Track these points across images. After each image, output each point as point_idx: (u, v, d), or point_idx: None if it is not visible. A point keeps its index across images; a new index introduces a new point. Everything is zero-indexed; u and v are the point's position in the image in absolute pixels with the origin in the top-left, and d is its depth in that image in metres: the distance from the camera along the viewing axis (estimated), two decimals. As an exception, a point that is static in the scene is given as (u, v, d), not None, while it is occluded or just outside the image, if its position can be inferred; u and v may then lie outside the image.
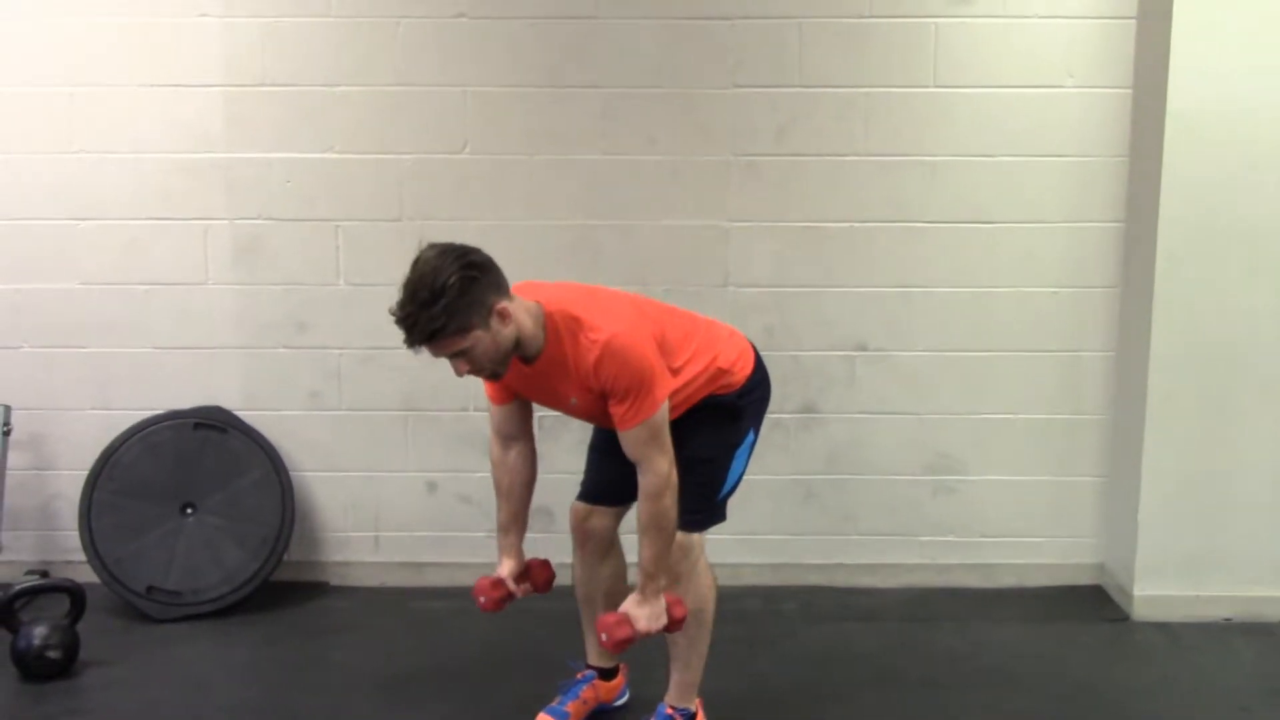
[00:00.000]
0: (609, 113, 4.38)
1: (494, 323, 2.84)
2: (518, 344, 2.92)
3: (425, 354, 2.86)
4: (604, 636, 2.98)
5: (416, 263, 2.81)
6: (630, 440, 2.95)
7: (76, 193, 4.41)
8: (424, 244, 2.88)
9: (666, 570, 3.01)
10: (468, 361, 2.87)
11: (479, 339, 2.83)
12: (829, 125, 4.37)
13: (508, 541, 3.31)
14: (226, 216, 4.43)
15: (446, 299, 2.74)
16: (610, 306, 3.00)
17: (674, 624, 3.05)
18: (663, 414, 2.94)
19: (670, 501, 2.96)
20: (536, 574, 3.34)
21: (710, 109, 4.37)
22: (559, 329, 2.94)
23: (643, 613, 2.98)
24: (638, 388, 2.89)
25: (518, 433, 3.28)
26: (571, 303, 2.97)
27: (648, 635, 3.00)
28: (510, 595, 3.27)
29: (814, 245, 4.43)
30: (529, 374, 3.04)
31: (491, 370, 2.95)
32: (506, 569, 3.28)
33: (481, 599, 3.24)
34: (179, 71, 4.35)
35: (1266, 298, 4.13)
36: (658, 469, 2.94)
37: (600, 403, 2.99)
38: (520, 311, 2.91)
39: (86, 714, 3.58)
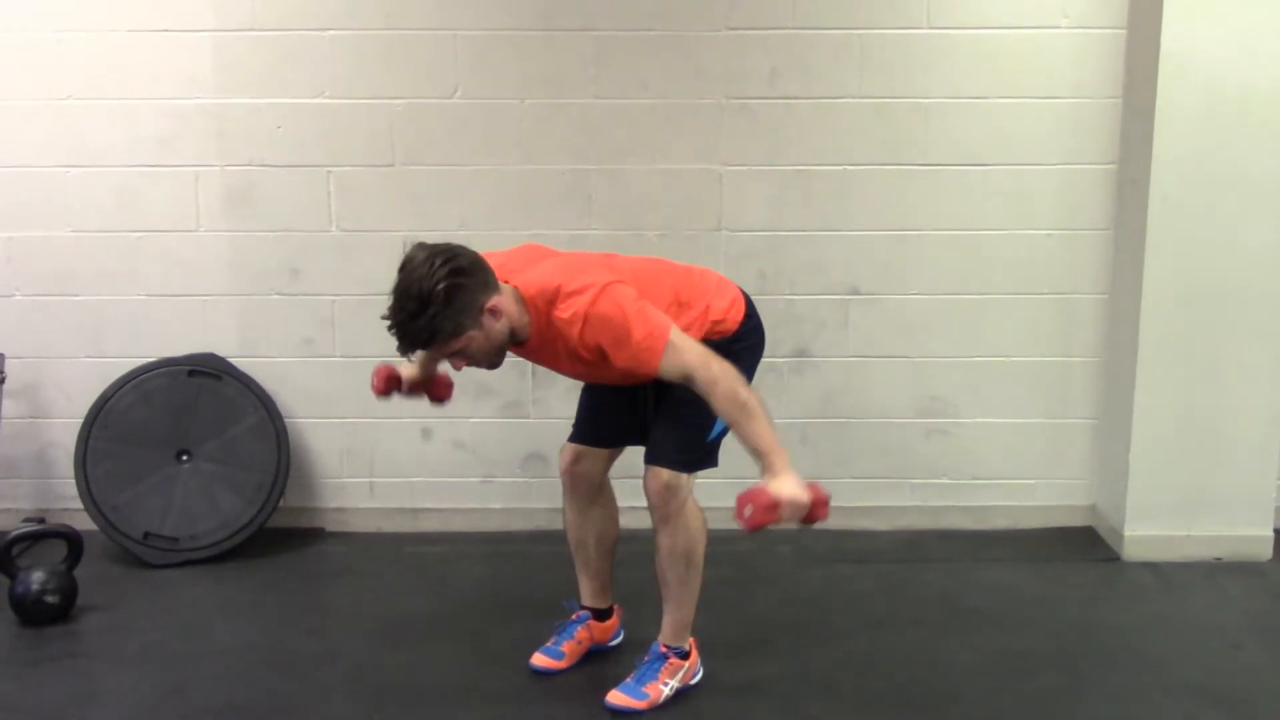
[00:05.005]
0: (601, 56, 4.35)
1: (486, 320, 2.88)
2: (511, 333, 2.96)
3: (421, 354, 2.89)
4: (747, 511, 2.70)
5: (403, 267, 2.82)
6: (665, 371, 2.87)
7: (66, 140, 4.39)
8: (409, 245, 2.89)
9: (776, 442, 2.80)
10: (464, 358, 2.93)
11: (472, 338, 2.88)
12: (822, 67, 4.35)
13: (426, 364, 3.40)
14: (218, 163, 4.42)
15: (433, 309, 2.77)
16: (583, 272, 2.98)
17: (818, 508, 2.76)
18: (674, 332, 2.87)
19: (732, 384, 2.82)
20: (440, 383, 3.46)
21: (703, 52, 4.34)
22: (539, 309, 2.97)
23: (784, 485, 2.72)
24: (635, 332, 2.85)
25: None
26: (545, 280, 2.97)
27: (793, 513, 2.73)
28: (399, 388, 3.38)
29: (807, 188, 4.42)
30: (523, 352, 3.10)
31: (489, 363, 3.01)
32: (408, 371, 3.37)
33: (375, 380, 3.35)
34: (168, 16, 4.31)
35: (1259, 239, 4.12)
36: (706, 367, 2.83)
37: (597, 365, 3.00)
38: (509, 301, 2.94)
39: (86, 657, 3.61)
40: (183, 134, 4.40)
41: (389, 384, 3.36)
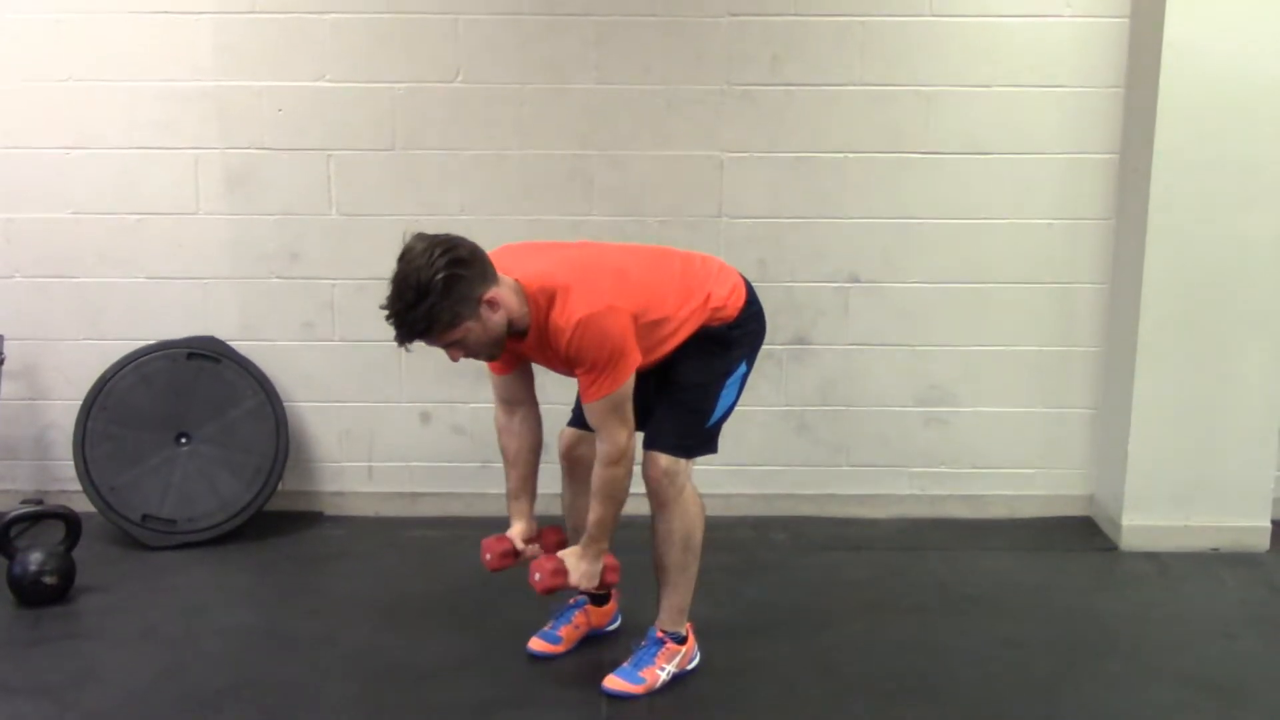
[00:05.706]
0: (603, 41, 4.34)
1: (484, 312, 2.89)
2: (510, 325, 2.97)
3: (419, 342, 2.91)
4: (537, 577, 3.12)
5: (403, 257, 2.84)
6: (593, 411, 3.03)
7: (67, 122, 4.38)
8: (409, 231, 2.91)
9: (609, 535, 3.14)
10: (462, 349, 2.95)
11: (470, 329, 2.89)
12: (824, 54, 4.34)
13: (518, 506, 3.38)
14: (218, 146, 4.40)
15: (431, 299, 2.79)
16: (589, 279, 3.00)
17: (604, 587, 3.26)
18: (626, 388, 3.00)
19: (624, 471, 3.06)
20: (547, 538, 3.39)
21: (704, 37, 4.33)
22: (539, 306, 2.98)
23: (580, 567, 3.15)
24: (603, 366, 2.95)
25: (522, 398, 3.33)
26: (549, 276, 2.99)
27: (575, 590, 3.23)
28: (517, 554, 3.33)
29: (808, 176, 4.42)
30: (522, 347, 3.10)
31: (488, 355, 3.03)
32: (516, 530, 3.35)
33: (487, 556, 3.32)
34: (168, -2, 4.32)
35: (1260, 230, 4.12)
36: (616, 439, 3.03)
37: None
38: (508, 293, 2.94)
39: (83, 638, 3.61)
40: (183, 117, 4.38)
41: (503, 545, 3.33)
